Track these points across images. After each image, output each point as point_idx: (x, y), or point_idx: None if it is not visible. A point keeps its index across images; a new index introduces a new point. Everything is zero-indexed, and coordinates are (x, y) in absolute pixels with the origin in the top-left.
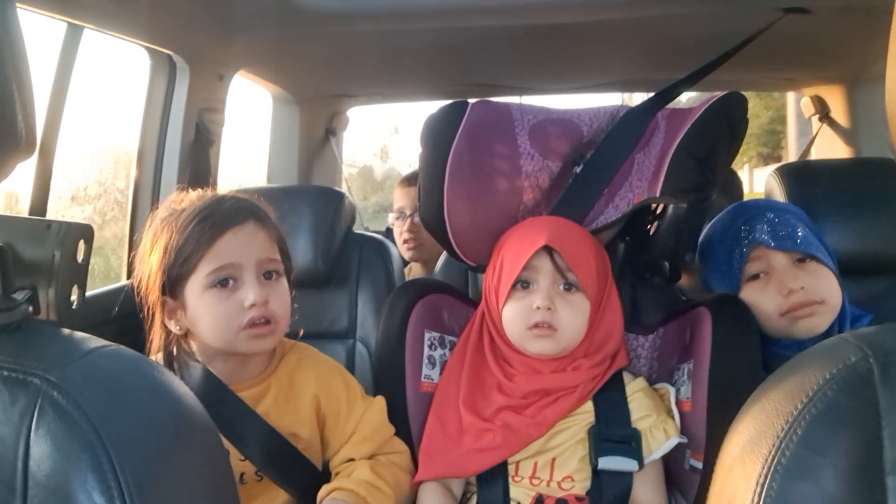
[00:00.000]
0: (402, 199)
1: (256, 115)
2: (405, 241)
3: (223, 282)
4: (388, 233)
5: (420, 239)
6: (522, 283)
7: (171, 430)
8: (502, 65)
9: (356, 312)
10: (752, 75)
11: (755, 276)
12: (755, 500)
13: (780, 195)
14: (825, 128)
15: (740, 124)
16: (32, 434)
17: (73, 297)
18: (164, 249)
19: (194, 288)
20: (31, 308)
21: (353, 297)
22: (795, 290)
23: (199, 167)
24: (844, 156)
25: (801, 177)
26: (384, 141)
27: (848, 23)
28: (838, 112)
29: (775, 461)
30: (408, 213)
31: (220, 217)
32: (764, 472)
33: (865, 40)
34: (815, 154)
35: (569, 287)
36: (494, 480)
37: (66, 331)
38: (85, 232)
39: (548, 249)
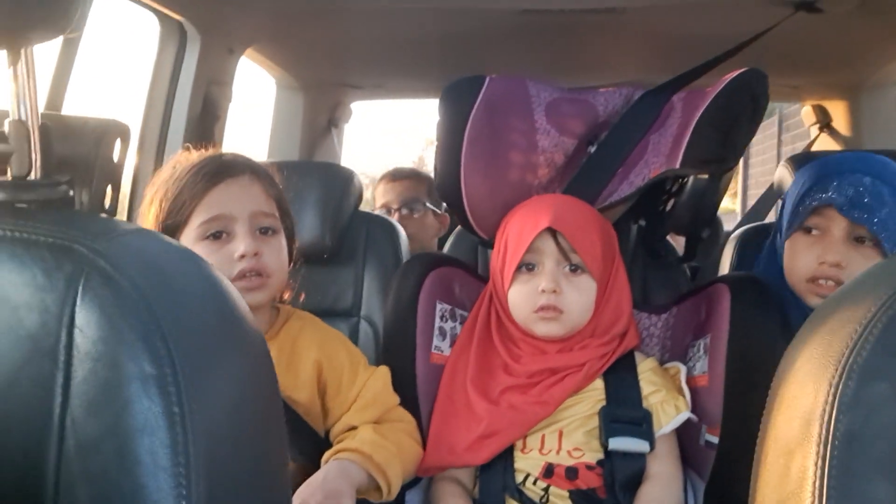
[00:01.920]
0: (387, 193)
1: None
2: None
3: (216, 234)
4: None
5: (409, 232)
6: (527, 266)
7: (221, 321)
8: (509, 62)
9: (362, 290)
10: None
11: (808, 230)
12: (829, 401)
13: (790, 185)
14: (824, 137)
15: (761, 99)
16: (79, 301)
17: (107, 198)
18: (160, 202)
19: (187, 240)
20: (71, 192)
21: (359, 275)
22: (831, 263)
23: (204, 140)
24: None
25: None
26: (421, 152)
27: (857, 26)
28: (840, 121)
29: (848, 363)
30: (394, 207)
31: (215, 168)
32: (837, 373)
33: (873, 45)
34: None
35: (574, 268)
36: (495, 465)
37: (105, 216)
38: (122, 131)
39: (551, 231)
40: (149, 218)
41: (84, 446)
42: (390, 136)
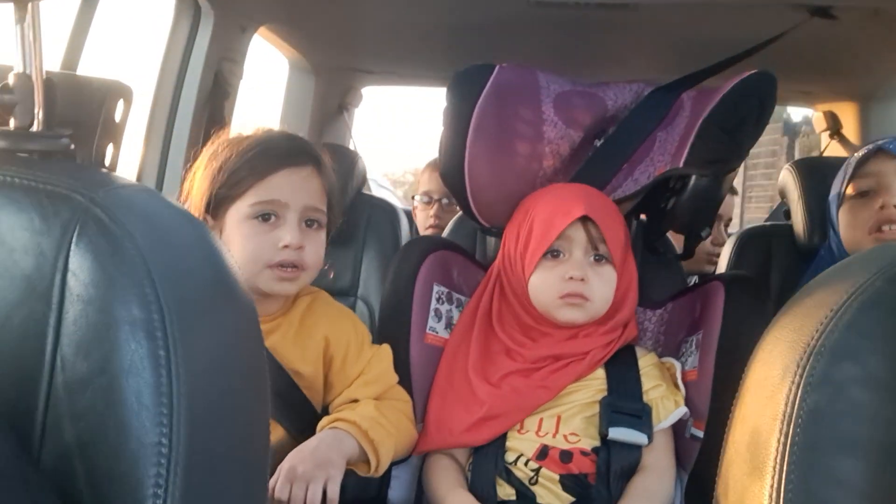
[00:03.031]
0: (430, 182)
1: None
2: (429, 227)
3: (265, 216)
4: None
5: (444, 224)
6: (553, 252)
7: (212, 277)
8: (520, 54)
9: (360, 271)
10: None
11: (861, 194)
12: (796, 381)
13: (794, 189)
14: (834, 144)
15: (769, 102)
16: (73, 246)
17: (108, 157)
18: (219, 168)
19: (235, 214)
20: (71, 146)
21: (358, 256)
22: (891, 204)
23: (214, 118)
24: None
25: (815, 171)
26: None
27: (870, 33)
28: (850, 129)
29: (818, 344)
30: (435, 197)
31: (281, 152)
32: (806, 354)
33: (886, 52)
34: None
35: (599, 258)
36: (489, 444)
37: (104, 170)
38: (125, 91)
39: (581, 220)
40: (203, 178)
41: (72, 385)
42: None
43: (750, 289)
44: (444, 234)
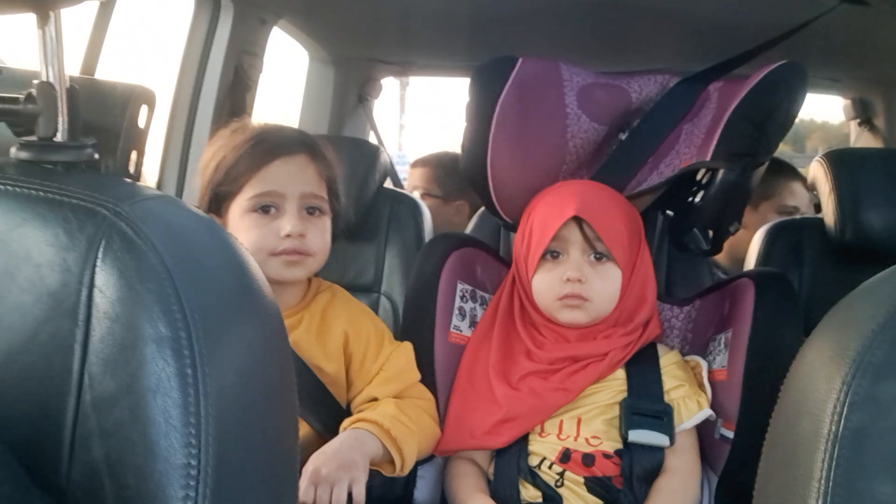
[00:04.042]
0: (411, 178)
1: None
2: None
3: (265, 208)
4: None
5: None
6: (552, 253)
7: (238, 289)
8: (542, 43)
9: (383, 266)
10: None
11: None
12: (840, 398)
13: (824, 181)
14: (865, 134)
15: (798, 93)
16: (99, 262)
17: (132, 164)
18: (217, 166)
19: (237, 209)
20: (95, 155)
21: (381, 251)
22: None
23: (234, 110)
24: None
25: (847, 163)
26: None
27: None
28: (881, 116)
29: (863, 361)
30: (419, 193)
31: (273, 143)
32: (851, 370)
33: None
34: None
35: (599, 256)
36: (511, 448)
37: (129, 179)
38: (149, 97)
39: (577, 219)
40: (204, 176)
41: (100, 403)
42: None
43: (780, 287)
44: (468, 229)
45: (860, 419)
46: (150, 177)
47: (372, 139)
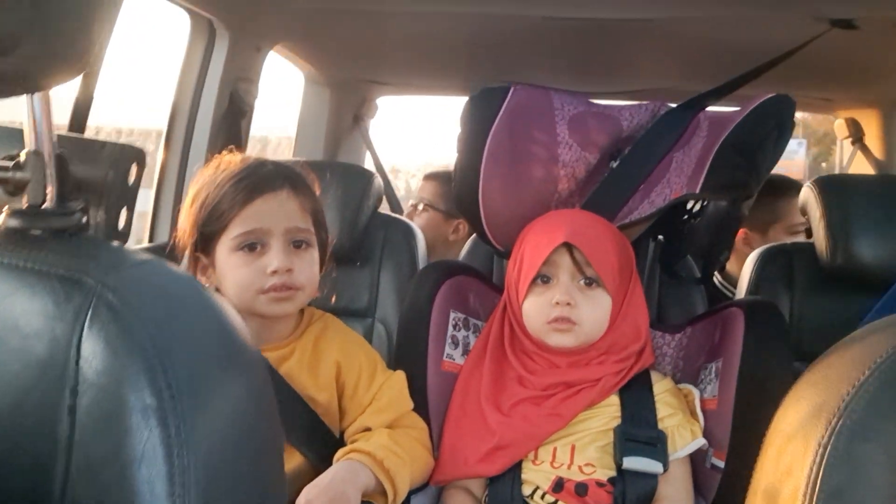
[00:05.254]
0: (420, 189)
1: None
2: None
3: (251, 245)
4: None
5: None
6: (542, 278)
7: (223, 351)
8: (538, 62)
9: (377, 292)
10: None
11: None
12: (816, 461)
13: (815, 207)
14: (858, 153)
15: (788, 126)
16: (85, 332)
17: (122, 220)
18: (201, 205)
19: (223, 248)
20: (84, 219)
21: (374, 277)
22: None
23: (230, 137)
24: None
25: (838, 189)
26: None
27: (892, 41)
28: (872, 137)
29: (839, 424)
30: (422, 204)
31: (255, 181)
32: (827, 434)
33: None
34: None
35: (589, 282)
36: (504, 476)
37: (117, 243)
38: (138, 155)
39: (567, 245)
40: (189, 216)
41: (88, 471)
42: None
43: (770, 316)
44: (462, 254)
45: (837, 481)
46: (145, 201)
47: (368, 159)
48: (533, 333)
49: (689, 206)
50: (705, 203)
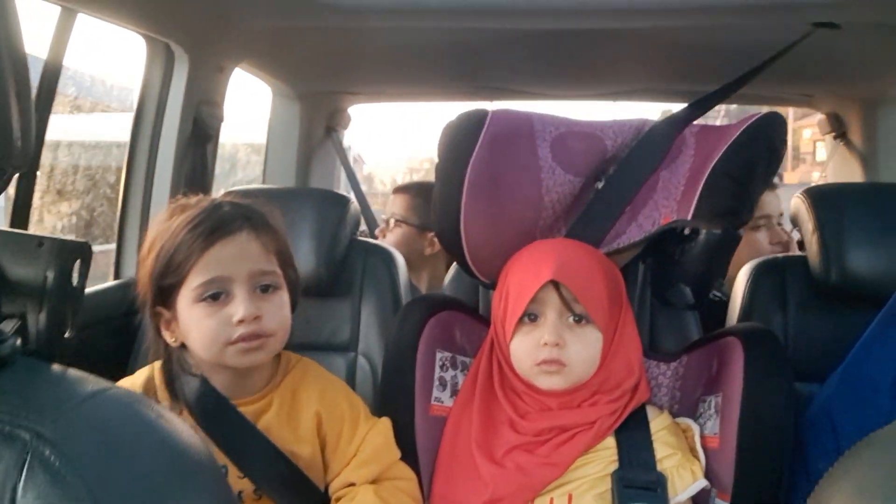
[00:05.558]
0: (390, 204)
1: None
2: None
3: (214, 295)
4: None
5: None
6: (530, 316)
7: (175, 477)
8: (516, 67)
9: (359, 324)
10: (769, 89)
11: None
12: None
13: (807, 220)
14: (841, 148)
15: (779, 146)
16: (19, 497)
17: (67, 326)
18: (156, 257)
19: (184, 300)
20: (19, 340)
21: (356, 308)
22: None
23: (195, 163)
24: (859, 176)
25: (830, 201)
26: None
27: (874, 40)
28: (855, 132)
29: None
30: (394, 220)
31: (211, 225)
32: None
33: (890, 59)
34: (830, 173)
35: (578, 319)
36: None
37: (59, 369)
38: (82, 251)
39: (553, 282)
40: (145, 269)
41: None
42: None
43: (769, 348)
44: (445, 282)
45: None
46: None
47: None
48: (522, 374)
49: (678, 230)
50: (697, 230)
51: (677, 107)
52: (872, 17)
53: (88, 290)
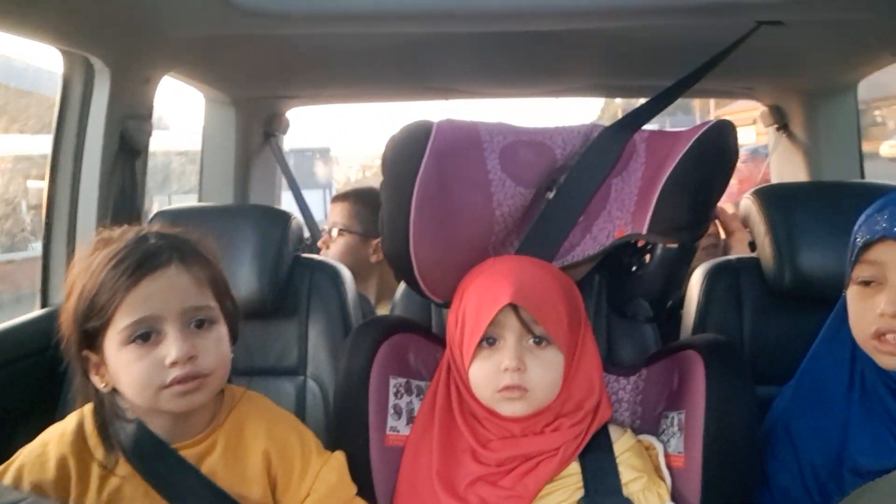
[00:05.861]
0: (331, 214)
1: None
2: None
3: (143, 336)
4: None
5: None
6: (488, 340)
7: None
8: (458, 67)
9: (307, 346)
10: (711, 83)
11: (866, 283)
12: None
13: (758, 221)
14: (784, 139)
15: (732, 153)
16: None
17: None
18: (79, 298)
19: (112, 343)
20: None
21: (303, 329)
22: (888, 313)
23: (124, 181)
24: (802, 166)
25: (781, 201)
26: None
27: (815, 35)
28: (797, 123)
29: None
30: (336, 230)
31: (136, 260)
32: None
33: (833, 54)
34: (773, 165)
35: (538, 341)
36: None
37: None
38: None
39: (513, 304)
40: (68, 311)
41: None
42: None
43: (730, 363)
44: (394, 300)
45: None
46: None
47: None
48: (483, 401)
49: (634, 242)
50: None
51: (634, 103)
52: (815, 15)
53: (8, 323)
